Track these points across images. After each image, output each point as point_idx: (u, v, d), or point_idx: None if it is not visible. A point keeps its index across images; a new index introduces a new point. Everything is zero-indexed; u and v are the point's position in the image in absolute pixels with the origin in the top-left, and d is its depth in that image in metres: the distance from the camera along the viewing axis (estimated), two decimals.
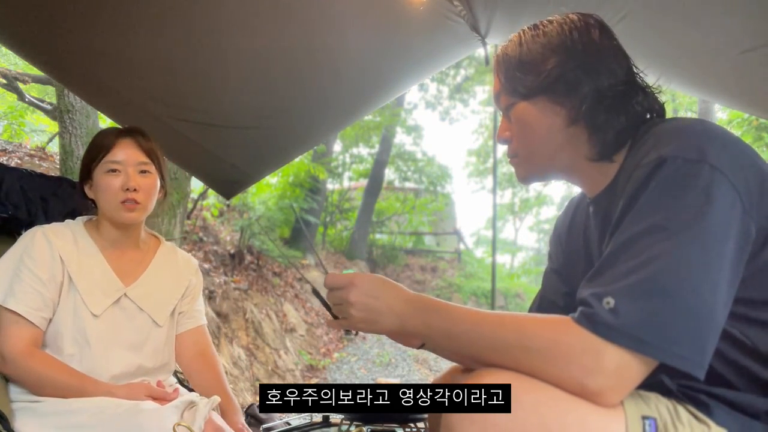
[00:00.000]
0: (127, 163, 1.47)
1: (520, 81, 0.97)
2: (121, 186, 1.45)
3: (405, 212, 13.13)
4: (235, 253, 7.11)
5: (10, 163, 5.35)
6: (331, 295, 0.96)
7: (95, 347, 1.42)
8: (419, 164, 13.16)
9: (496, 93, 1.04)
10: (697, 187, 0.75)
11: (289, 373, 6.08)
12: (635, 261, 0.75)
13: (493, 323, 0.81)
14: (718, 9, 2.00)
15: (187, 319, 1.63)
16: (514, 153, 1.03)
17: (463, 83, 13.36)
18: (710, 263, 0.74)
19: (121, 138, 1.49)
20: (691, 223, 0.74)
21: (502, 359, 0.79)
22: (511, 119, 1.01)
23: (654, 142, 0.84)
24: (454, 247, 14.55)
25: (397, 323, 0.91)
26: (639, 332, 0.71)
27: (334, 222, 11.42)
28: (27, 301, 1.37)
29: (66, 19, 2.01)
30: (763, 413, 0.79)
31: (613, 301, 0.73)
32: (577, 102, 0.93)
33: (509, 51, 1.00)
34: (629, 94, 0.93)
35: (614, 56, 0.94)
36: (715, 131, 0.82)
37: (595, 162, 0.95)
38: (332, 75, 2.56)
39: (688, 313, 0.72)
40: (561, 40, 0.95)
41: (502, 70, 1.01)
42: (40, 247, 1.42)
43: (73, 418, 1.26)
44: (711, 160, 0.76)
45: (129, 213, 1.46)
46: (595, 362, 0.72)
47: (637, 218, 0.78)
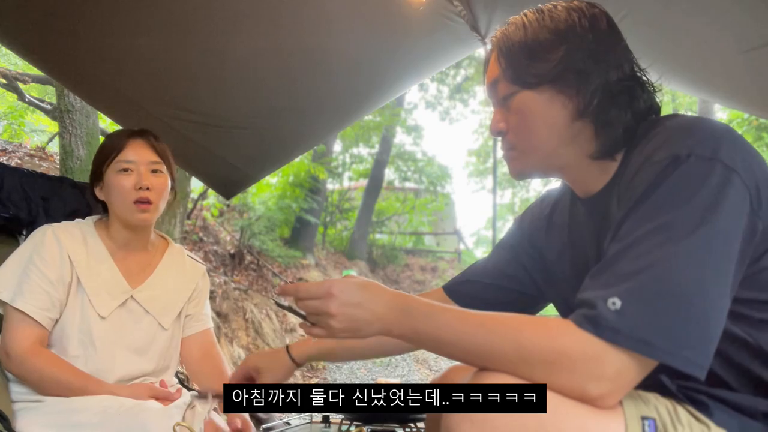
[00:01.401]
0: (139, 162, 1.46)
1: (525, 68, 0.90)
2: (134, 185, 1.45)
3: (405, 212, 13.12)
4: (235, 253, 7.11)
5: (10, 163, 5.35)
6: (307, 306, 0.88)
7: (100, 349, 1.42)
8: (419, 164, 13.14)
9: (492, 80, 0.95)
10: (710, 186, 0.73)
11: None
12: (643, 261, 0.72)
13: (486, 329, 0.76)
14: (718, 9, 2.00)
15: (194, 322, 1.63)
16: (512, 146, 0.95)
17: (463, 83, 13.35)
18: (719, 265, 0.72)
19: (132, 138, 1.49)
20: (701, 224, 0.72)
21: (499, 367, 0.76)
22: (509, 109, 0.93)
23: (663, 138, 0.81)
24: (454, 247, 14.55)
25: (383, 330, 0.85)
26: (646, 335, 0.69)
27: (334, 222, 11.42)
28: (35, 300, 1.37)
29: (66, 20, 2.01)
30: (762, 414, 0.79)
31: (620, 303, 0.70)
32: (587, 94, 0.87)
33: (512, 35, 0.92)
34: (635, 90, 0.89)
35: (621, 49, 0.91)
36: (725, 129, 0.80)
37: (596, 159, 0.91)
38: (332, 75, 2.56)
39: (697, 315, 0.70)
40: (569, 27, 0.88)
41: (503, 55, 0.92)
42: (49, 246, 1.41)
43: (75, 417, 1.26)
44: (724, 159, 0.74)
45: (142, 214, 1.46)
46: (596, 368, 0.70)
47: (647, 216, 0.75)
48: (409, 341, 0.84)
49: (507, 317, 0.78)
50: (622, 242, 0.76)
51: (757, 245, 0.77)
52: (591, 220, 0.97)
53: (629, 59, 0.91)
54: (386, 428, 1.78)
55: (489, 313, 0.79)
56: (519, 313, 0.79)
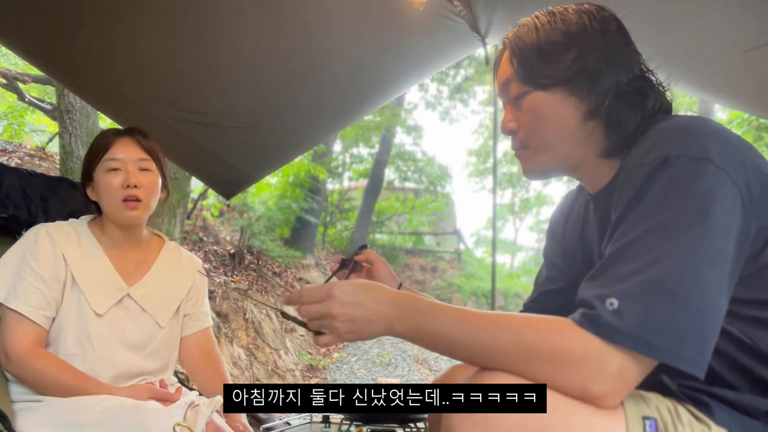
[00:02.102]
0: (126, 160, 1.46)
1: (538, 70, 0.92)
2: (122, 183, 1.45)
3: (405, 212, 13.13)
4: (235, 253, 7.11)
5: (10, 163, 5.35)
6: (309, 310, 0.88)
7: (98, 347, 1.42)
8: (419, 164, 13.15)
9: (504, 80, 0.97)
10: (701, 187, 0.74)
11: (289, 373, 6.08)
12: (639, 262, 0.73)
13: (488, 328, 0.77)
14: (719, 9, 2.00)
15: (192, 321, 1.63)
16: (524, 145, 0.97)
17: (463, 83, 13.35)
18: (714, 263, 0.73)
19: (120, 137, 1.50)
20: (694, 223, 0.73)
21: (501, 365, 0.76)
22: (521, 108, 0.95)
23: (655, 140, 0.82)
24: (454, 247, 14.55)
25: (386, 329, 0.84)
26: (644, 334, 0.70)
27: (334, 222, 11.42)
28: (29, 300, 1.37)
29: (66, 20, 2.01)
30: (763, 413, 0.79)
31: (617, 303, 0.72)
32: (598, 96, 0.89)
33: (524, 37, 0.94)
34: (645, 90, 0.91)
35: (631, 51, 0.93)
36: (717, 129, 0.81)
37: (605, 158, 0.93)
38: (332, 75, 2.56)
39: (694, 314, 0.71)
40: (581, 29, 0.91)
41: (515, 56, 0.94)
42: (43, 245, 1.41)
43: (75, 417, 1.26)
44: (714, 159, 0.75)
45: (131, 212, 1.46)
46: (598, 367, 0.71)
47: (641, 218, 0.76)
48: (411, 340, 0.84)
49: (510, 316, 0.78)
50: (617, 244, 0.78)
51: (754, 244, 0.78)
52: (596, 216, 0.99)
53: (638, 60, 0.93)
54: (386, 428, 1.78)
55: (492, 312, 0.80)
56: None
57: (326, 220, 10.92)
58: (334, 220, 11.41)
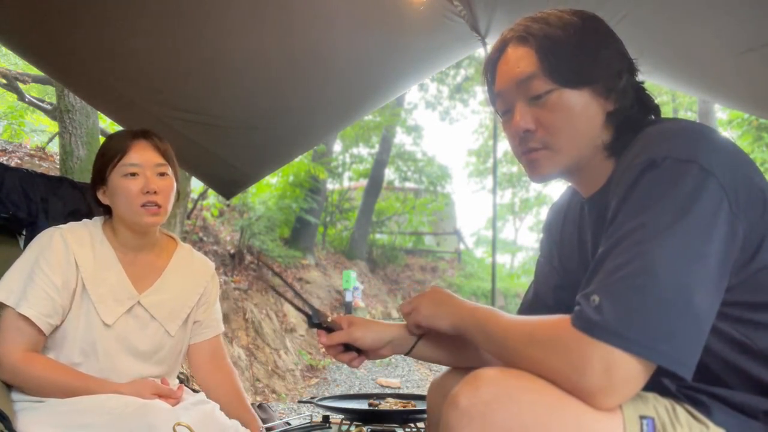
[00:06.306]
0: (145, 165, 1.43)
1: (572, 67, 0.89)
2: (141, 189, 1.41)
3: (405, 212, 13.13)
4: (235, 253, 7.11)
5: (10, 163, 5.35)
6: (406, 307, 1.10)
7: (102, 357, 1.40)
8: (419, 164, 13.15)
9: (523, 76, 0.92)
10: (685, 187, 0.75)
11: (289, 373, 6.08)
12: (620, 260, 0.75)
13: (505, 325, 0.86)
14: (718, 9, 2.00)
15: (203, 329, 1.61)
16: (544, 144, 0.93)
17: (463, 83, 13.35)
18: (695, 259, 0.74)
19: (136, 140, 1.45)
20: (673, 222, 0.74)
21: (511, 355, 0.82)
22: (543, 106, 0.91)
23: (644, 143, 0.84)
24: (454, 247, 14.55)
25: (455, 323, 0.98)
26: (620, 328, 0.71)
27: (334, 222, 11.42)
28: (39, 306, 1.34)
29: (66, 20, 2.02)
30: (761, 413, 0.79)
31: (598, 299, 0.74)
32: (619, 96, 0.91)
33: (551, 33, 0.91)
34: (647, 91, 0.95)
35: (627, 54, 0.96)
36: (706, 133, 0.82)
37: (608, 158, 0.93)
38: (332, 75, 2.56)
39: (668, 309, 0.72)
40: (607, 30, 0.94)
41: (545, 51, 0.90)
42: (56, 250, 1.39)
43: (79, 418, 1.24)
44: (701, 161, 0.76)
45: (151, 217, 1.43)
46: (582, 360, 0.72)
47: (626, 218, 0.78)
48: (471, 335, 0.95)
49: (526, 317, 0.85)
50: (605, 244, 0.80)
51: (746, 248, 0.78)
52: (591, 218, 0.99)
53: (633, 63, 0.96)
54: (386, 428, 1.78)
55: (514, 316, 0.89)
56: None
57: (326, 220, 10.92)
58: (334, 220, 11.41)
